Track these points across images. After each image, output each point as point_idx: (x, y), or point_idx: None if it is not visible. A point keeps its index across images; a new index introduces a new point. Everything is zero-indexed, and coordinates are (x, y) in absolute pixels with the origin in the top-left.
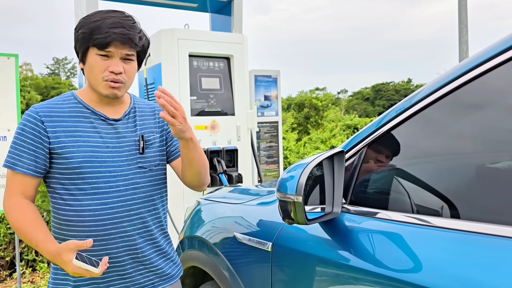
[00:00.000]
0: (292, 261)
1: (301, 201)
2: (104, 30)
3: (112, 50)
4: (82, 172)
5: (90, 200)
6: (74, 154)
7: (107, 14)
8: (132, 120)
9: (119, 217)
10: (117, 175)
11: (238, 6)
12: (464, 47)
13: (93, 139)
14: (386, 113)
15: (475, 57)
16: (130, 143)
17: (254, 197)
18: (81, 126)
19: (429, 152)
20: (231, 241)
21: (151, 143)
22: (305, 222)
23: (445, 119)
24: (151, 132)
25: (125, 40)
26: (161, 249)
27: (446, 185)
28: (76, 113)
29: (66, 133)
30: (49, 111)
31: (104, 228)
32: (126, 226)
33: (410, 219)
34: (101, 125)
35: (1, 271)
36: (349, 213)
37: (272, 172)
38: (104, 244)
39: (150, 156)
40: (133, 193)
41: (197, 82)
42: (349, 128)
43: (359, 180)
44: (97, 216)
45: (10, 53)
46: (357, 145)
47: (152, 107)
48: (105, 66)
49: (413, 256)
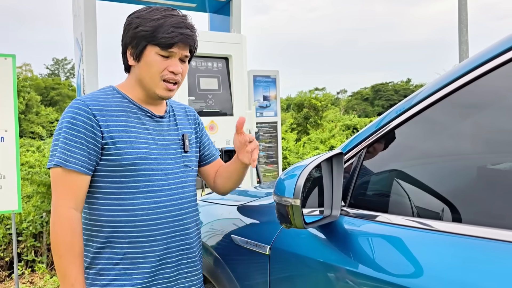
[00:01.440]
0: (291, 265)
1: (298, 205)
2: (169, 30)
3: (175, 50)
4: (135, 169)
5: (142, 199)
6: (128, 151)
7: (166, 13)
8: (173, 119)
9: (171, 216)
10: (169, 173)
11: (237, 6)
12: (464, 47)
13: (144, 136)
14: (386, 114)
15: (475, 58)
16: (174, 141)
17: (252, 198)
18: (131, 122)
19: (429, 154)
20: (229, 244)
21: (191, 142)
22: (303, 226)
23: (446, 120)
24: (190, 132)
25: (189, 41)
26: (194, 251)
27: (447, 187)
28: (123, 108)
29: (118, 127)
30: (98, 104)
31: (157, 228)
32: (176, 226)
33: (411, 223)
34: (148, 121)
35: (1, 271)
36: (348, 216)
37: (271, 173)
38: (156, 245)
39: (192, 155)
40: (183, 192)
41: (195, 82)
42: (348, 128)
43: (358, 182)
44: (150, 215)
45: (8, 53)
46: (357, 147)
47: (183, 108)
48: (164, 66)
49: (413, 261)
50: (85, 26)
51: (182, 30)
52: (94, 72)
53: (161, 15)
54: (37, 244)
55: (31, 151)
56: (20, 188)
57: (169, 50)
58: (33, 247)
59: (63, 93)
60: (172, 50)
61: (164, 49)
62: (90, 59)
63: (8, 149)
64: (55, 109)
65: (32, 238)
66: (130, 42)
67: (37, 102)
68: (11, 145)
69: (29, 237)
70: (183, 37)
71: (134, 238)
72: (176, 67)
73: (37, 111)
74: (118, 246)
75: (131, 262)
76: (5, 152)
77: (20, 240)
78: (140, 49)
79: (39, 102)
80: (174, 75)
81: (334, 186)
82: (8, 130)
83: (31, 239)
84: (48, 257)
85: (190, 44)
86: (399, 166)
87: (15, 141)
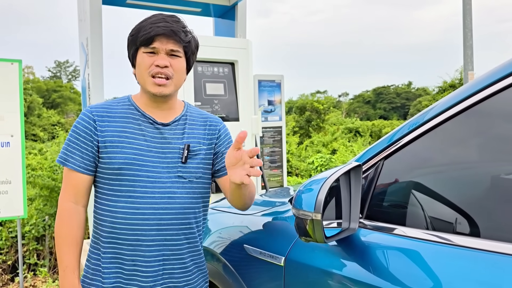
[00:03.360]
0: (306, 277)
1: (320, 219)
2: (148, 27)
3: (157, 45)
4: (121, 173)
5: (124, 203)
6: (117, 155)
7: (152, 15)
8: (181, 128)
9: (149, 224)
10: (155, 182)
11: (242, 11)
12: (468, 52)
13: (137, 142)
14: (405, 124)
15: (493, 72)
16: (174, 150)
17: (264, 208)
18: (129, 128)
19: (447, 167)
20: (241, 254)
21: (196, 153)
22: (323, 241)
23: (465, 133)
24: (198, 143)
25: (169, 33)
26: (186, 266)
27: (466, 201)
28: (127, 115)
29: (113, 133)
30: (103, 111)
31: (134, 233)
32: (154, 235)
33: (429, 236)
34: (148, 128)
35: (3, 275)
36: (366, 228)
37: (276, 177)
38: (132, 250)
39: (192, 167)
40: (167, 203)
41: (201, 87)
42: (350, 131)
43: (375, 194)
44: (128, 220)
45: (13, 58)
46: (373, 158)
47: (205, 117)
48: (151, 62)
49: (432, 276)
50: (91, 31)
51: (160, 24)
52: (99, 76)
53: (146, 18)
54: (39, 248)
55: (33, 153)
56: (25, 194)
57: (150, 46)
58: (35, 250)
59: (65, 95)
60: (153, 45)
61: (146, 46)
62: (95, 64)
63: (14, 154)
64: (56, 112)
65: (34, 241)
66: (128, 53)
67: (39, 105)
68: (17, 150)
69: (32, 241)
70: (159, 29)
71: (114, 239)
72: (161, 60)
73: (39, 114)
74: (102, 246)
75: (109, 262)
76: (11, 157)
77: (22, 244)
78: (132, 54)
79: (41, 105)
80: (161, 69)
81: (352, 198)
82: (14, 135)
83: (33, 243)
84: (51, 260)
85: (173, 36)
86: (416, 178)
87: (21, 146)
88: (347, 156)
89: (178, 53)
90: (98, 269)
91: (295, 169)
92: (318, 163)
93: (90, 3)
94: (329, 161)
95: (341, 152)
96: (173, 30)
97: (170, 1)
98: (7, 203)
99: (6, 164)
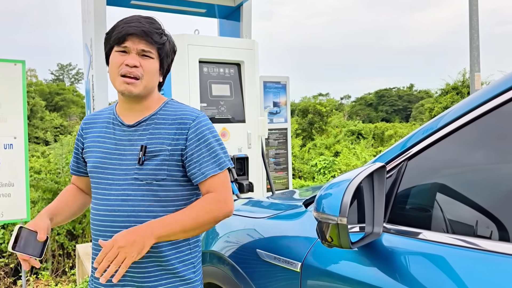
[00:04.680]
0: (325, 284)
1: (345, 223)
2: (121, 26)
3: (128, 45)
4: (92, 177)
5: (93, 204)
6: (90, 159)
7: (129, 16)
8: (146, 128)
9: (105, 226)
10: (113, 184)
11: (247, 12)
12: (475, 53)
13: (107, 145)
14: (432, 121)
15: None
16: (133, 152)
17: (276, 211)
18: (104, 132)
19: (477, 168)
20: (253, 259)
21: (155, 155)
22: (349, 246)
23: (499, 131)
24: (161, 143)
25: (140, 33)
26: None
27: (495, 204)
28: (108, 120)
29: (92, 138)
30: (91, 119)
31: (96, 234)
32: (110, 237)
33: (455, 241)
34: (117, 131)
35: (6, 278)
36: (389, 233)
37: (281, 180)
38: (97, 250)
39: (150, 169)
40: (121, 205)
41: (207, 88)
42: (353, 134)
43: (398, 196)
44: (94, 221)
45: (17, 59)
46: (396, 159)
47: (179, 115)
48: (121, 61)
49: (459, 282)
50: (95, 32)
51: (132, 24)
52: (103, 77)
53: (122, 19)
54: None
55: (36, 156)
56: (28, 196)
57: (122, 45)
58: None
59: (68, 98)
60: (125, 44)
61: (118, 44)
62: (100, 65)
63: (17, 156)
64: (59, 115)
65: None
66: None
67: (41, 108)
68: (20, 152)
69: None
70: (131, 29)
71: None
72: (130, 60)
73: (41, 117)
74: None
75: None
76: (14, 159)
77: None
78: (106, 53)
79: (43, 107)
80: (130, 68)
81: (375, 202)
82: (17, 137)
83: None
84: (53, 263)
85: (144, 37)
86: (443, 180)
87: (24, 148)
88: (350, 159)
89: (149, 53)
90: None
91: (298, 171)
92: (321, 166)
93: (95, 4)
94: (332, 164)
95: (344, 154)
96: (144, 31)
97: (174, 2)
98: (10, 205)
99: (9, 166)
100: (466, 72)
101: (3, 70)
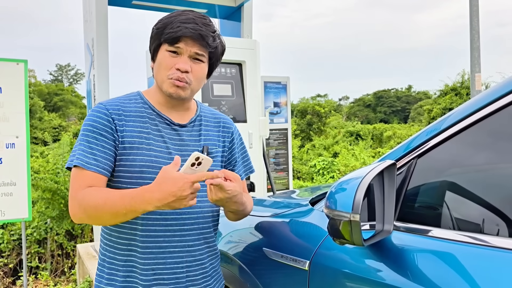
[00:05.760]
0: (334, 282)
1: (358, 220)
2: (176, 25)
3: (181, 46)
4: (142, 177)
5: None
6: (137, 157)
7: (183, 12)
8: (197, 129)
9: (172, 230)
10: None
11: (248, 12)
12: (476, 54)
13: (157, 143)
14: (443, 118)
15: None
16: (188, 152)
17: (281, 210)
18: (147, 128)
19: (488, 165)
20: (260, 257)
21: (213, 156)
22: (361, 243)
23: (506, 129)
24: (214, 145)
25: (196, 36)
26: (206, 271)
27: (507, 201)
28: (142, 114)
29: (132, 133)
30: (118, 108)
31: (155, 240)
32: (177, 241)
33: (466, 238)
34: (165, 129)
35: (5, 278)
36: (399, 231)
37: (281, 180)
38: (153, 258)
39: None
40: (189, 208)
41: (208, 88)
42: (351, 135)
43: (407, 194)
44: (150, 226)
45: (18, 58)
46: (406, 156)
47: (217, 118)
48: (172, 63)
49: (470, 280)
50: (96, 32)
51: (188, 25)
52: (105, 77)
53: (176, 14)
54: (41, 251)
55: (34, 156)
56: (30, 195)
57: (175, 45)
58: (37, 253)
59: (66, 98)
60: (178, 45)
61: (170, 44)
62: (101, 65)
63: (19, 156)
64: (58, 115)
65: (36, 244)
66: (150, 45)
67: (40, 108)
68: (22, 151)
69: (33, 243)
70: (187, 31)
71: (133, 249)
72: (183, 64)
73: (40, 117)
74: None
75: (125, 271)
76: (16, 158)
77: (27, 246)
78: (154, 47)
79: (42, 108)
80: (181, 73)
81: (385, 199)
82: (19, 136)
83: (35, 245)
84: (52, 264)
85: (200, 40)
86: (453, 178)
87: (26, 148)
88: (349, 160)
89: (202, 57)
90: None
91: (296, 172)
92: (320, 166)
93: (96, 4)
94: (331, 164)
95: (343, 155)
96: (201, 34)
97: (175, 2)
98: (11, 205)
99: (11, 165)
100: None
101: (5, 70)
